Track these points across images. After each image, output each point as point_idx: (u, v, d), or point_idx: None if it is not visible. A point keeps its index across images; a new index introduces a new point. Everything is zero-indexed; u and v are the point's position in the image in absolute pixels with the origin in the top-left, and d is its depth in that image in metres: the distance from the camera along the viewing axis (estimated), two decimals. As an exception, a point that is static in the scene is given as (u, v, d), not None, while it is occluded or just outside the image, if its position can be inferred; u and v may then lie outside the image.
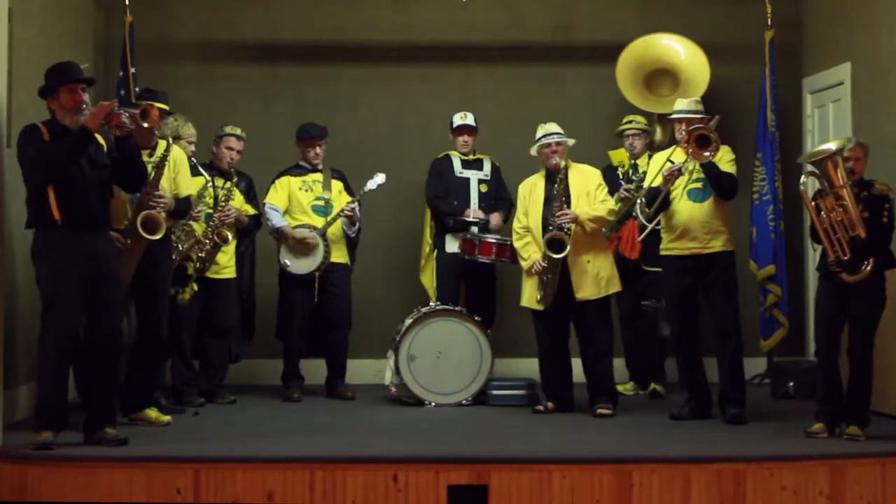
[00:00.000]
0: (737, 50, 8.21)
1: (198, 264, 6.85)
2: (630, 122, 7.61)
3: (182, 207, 6.31)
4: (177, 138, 6.50)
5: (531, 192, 6.77)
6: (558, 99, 8.27)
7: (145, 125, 5.68)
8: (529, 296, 6.72)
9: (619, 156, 7.61)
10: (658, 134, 7.78)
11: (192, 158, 6.83)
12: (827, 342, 5.91)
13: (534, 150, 6.79)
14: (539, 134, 6.76)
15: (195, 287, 6.77)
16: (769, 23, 7.66)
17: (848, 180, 5.76)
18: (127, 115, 5.50)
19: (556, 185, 6.64)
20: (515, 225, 6.84)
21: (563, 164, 6.70)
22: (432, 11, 8.36)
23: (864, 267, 5.71)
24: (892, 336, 6.33)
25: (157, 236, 5.98)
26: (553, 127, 6.76)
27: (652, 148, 7.62)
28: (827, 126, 7.91)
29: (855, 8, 7.54)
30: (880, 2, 7.19)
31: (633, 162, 7.53)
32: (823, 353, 5.93)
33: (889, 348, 6.33)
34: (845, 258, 5.70)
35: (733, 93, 8.04)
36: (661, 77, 7.94)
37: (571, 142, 6.79)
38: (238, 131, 7.21)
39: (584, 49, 8.23)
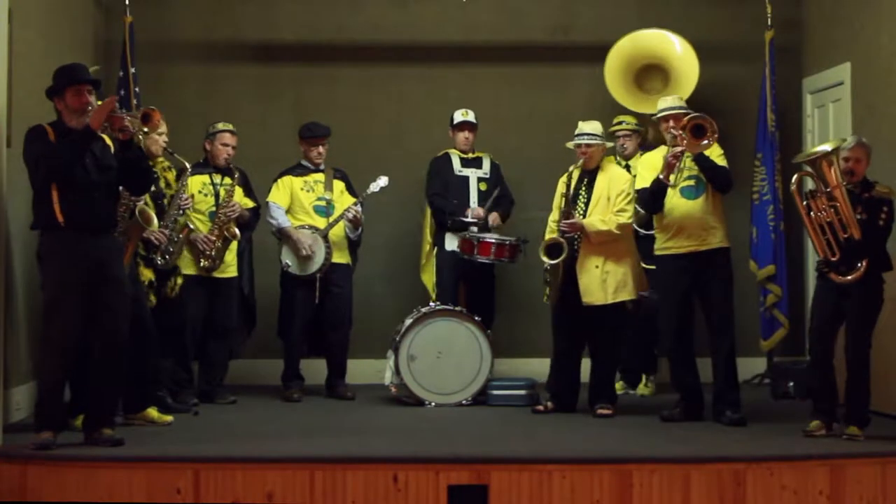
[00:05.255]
0: (737, 50, 8.21)
1: (207, 262, 6.89)
2: (620, 122, 7.59)
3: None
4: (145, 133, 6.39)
5: (564, 187, 6.71)
6: (558, 99, 8.28)
7: (145, 129, 5.67)
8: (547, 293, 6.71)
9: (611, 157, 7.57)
10: (650, 133, 7.77)
11: (176, 155, 6.72)
12: (821, 340, 5.91)
13: (570, 145, 6.73)
14: (576, 131, 6.69)
15: (179, 280, 6.75)
16: (769, 23, 7.67)
17: (843, 180, 5.77)
18: (129, 118, 5.50)
19: (580, 186, 6.62)
20: (550, 218, 6.79)
21: (588, 165, 6.63)
22: (433, 11, 8.36)
23: (857, 267, 5.71)
24: (892, 336, 6.33)
25: (154, 227, 6.13)
26: (588, 127, 6.66)
27: (645, 148, 7.62)
28: (827, 126, 7.91)
29: (855, 8, 7.54)
30: (880, 2, 7.19)
31: (625, 163, 7.50)
32: (817, 351, 5.94)
33: (889, 348, 6.32)
34: (833, 259, 5.71)
35: (733, 93, 8.04)
36: (651, 73, 7.92)
37: (609, 144, 6.76)
38: (230, 126, 7.20)
39: (584, 49, 8.23)
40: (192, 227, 6.84)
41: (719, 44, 8.19)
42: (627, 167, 7.45)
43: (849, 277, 5.72)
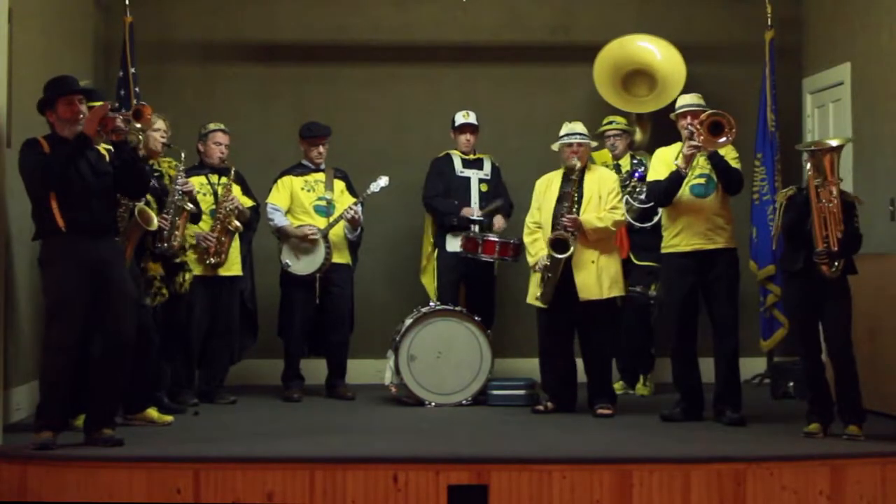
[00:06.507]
0: (737, 50, 8.22)
1: (214, 258, 6.90)
2: (610, 122, 7.62)
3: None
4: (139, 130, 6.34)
5: (547, 189, 6.75)
6: (558, 99, 8.27)
7: (138, 125, 5.67)
8: (533, 292, 6.71)
9: (602, 156, 7.59)
10: (638, 134, 7.82)
11: (172, 146, 6.63)
12: (807, 342, 5.92)
13: (555, 147, 6.77)
14: (563, 131, 6.74)
15: (188, 276, 6.65)
16: (769, 23, 7.67)
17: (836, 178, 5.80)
18: (121, 118, 5.50)
19: (570, 186, 6.63)
20: (528, 219, 6.82)
21: (579, 164, 6.65)
22: (433, 11, 8.36)
23: (837, 265, 5.73)
24: (891, 336, 6.33)
25: (153, 227, 6.08)
26: (578, 127, 6.73)
27: (633, 148, 7.66)
28: (827, 126, 7.92)
29: (855, 8, 7.54)
30: (880, 2, 7.19)
31: (615, 163, 7.52)
32: (806, 354, 5.94)
33: (888, 348, 6.32)
34: (835, 249, 5.71)
35: (733, 93, 8.03)
36: (637, 78, 7.97)
37: (594, 144, 6.80)
38: (222, 126, 7.19)
39: (584, 49, 8.23)
40: (189, 208, 6.72)
41: (719, 44, 8.20)
42: (617, 167, 7.48)
43: (832, 270, 5.74)
